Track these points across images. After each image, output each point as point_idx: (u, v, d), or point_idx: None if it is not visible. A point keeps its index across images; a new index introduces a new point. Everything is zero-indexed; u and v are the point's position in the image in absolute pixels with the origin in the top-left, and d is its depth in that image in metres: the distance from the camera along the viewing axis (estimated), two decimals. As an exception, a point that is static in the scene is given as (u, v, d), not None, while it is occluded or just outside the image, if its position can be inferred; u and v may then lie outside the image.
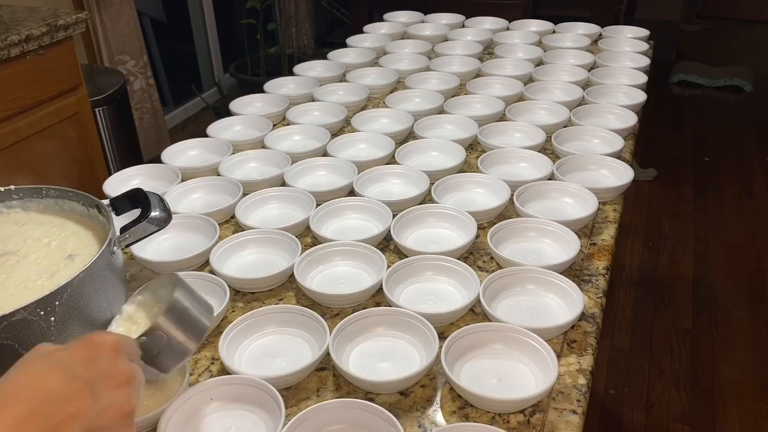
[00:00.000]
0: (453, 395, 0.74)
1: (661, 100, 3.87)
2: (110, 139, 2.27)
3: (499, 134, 1.30)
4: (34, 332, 0.70)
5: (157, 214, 0.84)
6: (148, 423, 0.69)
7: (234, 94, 3.02)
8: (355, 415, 0.68)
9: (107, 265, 0.78)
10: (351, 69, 1.64)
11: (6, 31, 1.68)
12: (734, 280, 2.39)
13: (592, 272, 0.94)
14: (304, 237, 1.02)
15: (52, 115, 1.85)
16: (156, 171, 1.19)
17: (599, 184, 1.12)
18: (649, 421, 1.85)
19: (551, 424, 0.70)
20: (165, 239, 1.01)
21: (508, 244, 0.98)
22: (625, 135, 1.30)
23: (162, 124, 3.09)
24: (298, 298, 0.90)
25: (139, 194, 0.86)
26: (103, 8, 2.65)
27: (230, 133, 1.37)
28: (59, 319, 0.71)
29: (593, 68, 1.59)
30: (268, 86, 1.55)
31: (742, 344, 2.10)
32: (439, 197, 1.08)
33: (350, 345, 0.79)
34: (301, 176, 1.17)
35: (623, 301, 2.32)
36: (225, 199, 1.10)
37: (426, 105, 1.43)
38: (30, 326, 0.69)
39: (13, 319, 0.67)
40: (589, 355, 0.79)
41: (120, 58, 2.78)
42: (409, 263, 0.91)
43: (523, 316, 0.85)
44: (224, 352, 0.77)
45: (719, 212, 2.81)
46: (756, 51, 4.61)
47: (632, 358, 2.06)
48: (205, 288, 0.88)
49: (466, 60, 1.67)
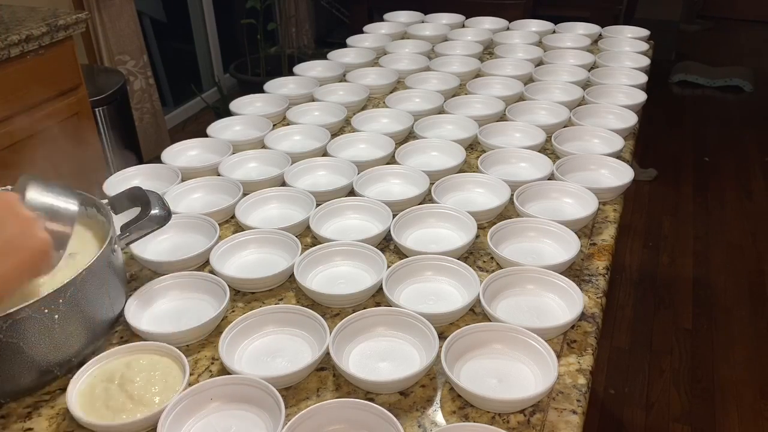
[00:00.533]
0: (453, 395, 0.74)
1: (661, 100, 3.87)
2: (110, 139, 2.27)
3: (499, 134, 1.30)
4: (38, 330, 0.70)
5: (157, 212, 0.84)
6: (148, 423, 0.69)
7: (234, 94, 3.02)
8: (355, 415, 0.68)
9: (108, 264, 0.79)
10: (351, 69, 1.64)
11: (6, 31, 1.68)
12: (734, 280, 2.39)
13: (592, 272, 0.94)
14: (304, 237, 1.02)
15: (52, 115, 1.85)
16: (156, 171, 1.19)
17: (599, 184, 1.12)
18: (649, 421, 1.85)
19: (551, 424, 0.70)
20: (165, 239, 1.01)
21: (508, 244, 0.98)
22: (625, 135, 1.30)
23: (162, 124, 3.09)
24: (298, 298, 0.90)
25: (138, 193, 0.86)
26: (103, 8, 2.65)
27: (230, 133, 1.37)
28: (62, 317, 0.72)
29: (593, 68, 1.59)
30: (268, 86, 1.55)
31: (742, 344, 2.10)
32: (439, 197, 1.07)
33: (350, 345, 0.79)
34: (301, 176, 1.17)
35: (623, 301, 2.32)
36: (225, 199, 1.10)
37: (426, 105, 1.43)
38: (34, 324, 0.70)
39: (18, 317, 0.67)
40: (589, 355, 0.79)
41: (120, 58, 2.78)
42: (409, 263, 0.91)
43: (523, 316, 0.85)
44: (224, 352, 0.77)
45: (719, 212, 2.81)
46: (756, 51, 4.61)
47: (632, 358, 2.06)
48: (205, 288, 0.89)
49: (466, 60, 1.67)
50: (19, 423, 0.72)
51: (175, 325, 0.84)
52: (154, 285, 0.88)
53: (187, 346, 0.81)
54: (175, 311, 0.87)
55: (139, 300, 0.86)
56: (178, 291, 0.89)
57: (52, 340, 0.72)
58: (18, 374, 0.72)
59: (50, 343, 0.72)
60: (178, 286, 0.89)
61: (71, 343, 0.75)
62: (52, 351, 0.73)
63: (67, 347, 0.74)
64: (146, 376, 0.73)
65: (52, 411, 0.73)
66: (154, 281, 0.89)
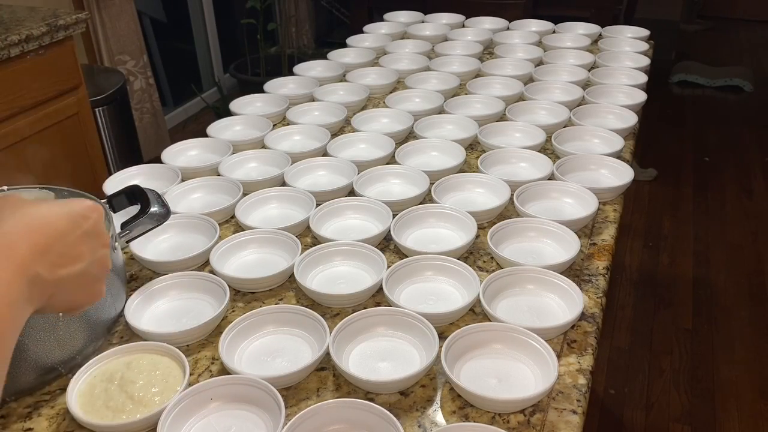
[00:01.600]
0: (453, 395, 0.74)
1: (661, 100, 3.87)
2: (110, 139, 2.27)
3: (499, 134, 1.30)
4: (42, 327, 0.71)
5: (156, 209, 0.84)
6: (148, 423, 0.69)
7: (234, 94, 3.02)
8: (355, 415, 0.68)
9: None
10: (351, 69, 1.64)
11: (6, 31, 1.68)
12: (734, 280, 2.39)
13: (592, 272, 0.94)
14: (304, 237, 1.02)
15: (52, 115, 1.85)
16: (156, 171, 1.19)
17: (599, 184, 1.12)
18: (649, 421, 1.85)
19: (551, 424, 0.70)
20: (165, 239, 1.01)
21: (508, 244, 0.98)
22: (625, 135, 1.30)
23: (162, 124, 3.09)
24: (298, 298, 0.90)
25: (137, 191, 0.86)
26: (103, 8, 2.65)
27: (230, 133, 1.37)
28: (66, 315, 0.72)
29: (593, 68, 1.59)
30: (268, 86, 1.55)
31: (742, 344, 2.10)
32: (439, 197, 1.07)
33: (350, 345, 0.79)
34: (301, 176, 1.17)
35: (623, 301, 2.32)
36: (225, 199, 1.10)
37: (426, 105, 1.43)
38: (39, 321, 0.70)
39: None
40: (589, 355, 0.79)
41: (120, 58, 2.78)
42: (409, 263, 0.91)
43: (523, 316, 0.85)
44: (224, 352, 0.77)
45: (719, 212, 2.81)
46: (756, 51, 4.61)
47: (632, 358, 2.06)
48: (205, 288, 0.89)
49: (466, 60, 1.67)
50: (19, 423, 0.72)
51: (176, 325, 0.84)
52: (154, 285, 0.88)
53: (187, 346, 0.81)
54: (175, 311, 0.87)
55: (139, 300, 0.86)
56: (178, 291, 0.89)
57: (56, 337, 0.73)
58: (23, 372, 0.72)
59: (54, 340, 0.73)
60: (178, 286, 0.89)
61: (75, 341, 0.76)
62: (56, 349, 0.74)
63: (70, 345, 0.75)
64: (146, 376, 0.73)
65: (52, 411, 0.73)
66: (154, 281, 0.89)
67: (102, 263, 0.57)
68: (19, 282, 0.46)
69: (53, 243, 0.50)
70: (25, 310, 0.48)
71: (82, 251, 0.53)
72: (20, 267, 0.47)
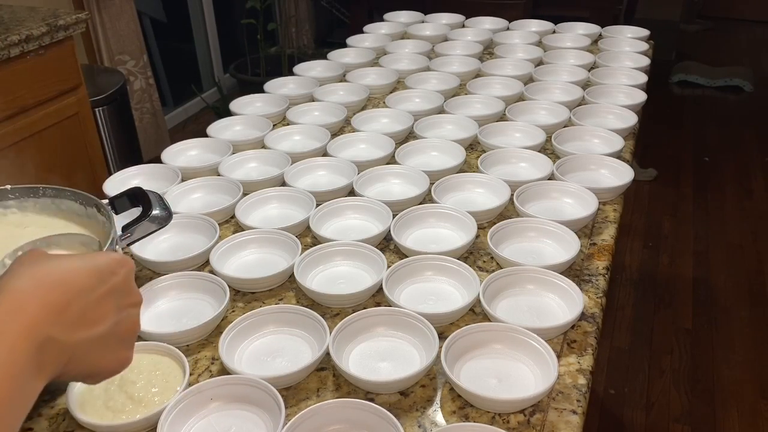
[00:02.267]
0: (453, 395, 0.74)
1: (661, 100, 3.87)
2: (110, 139, 2.27)
3: (499, 134, 1.30)
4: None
5: (158, 212, 0.84)
6: (148, 423, 0.69)
7: (234, 94, 3.02)
8: (355, 415, 0.68)
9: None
10: (351, 69, 1.64)
11: (6, 31, 1.68)
12: (734, 280, 2.39)
13: (592, 272, 0.94)
14: (304, 237, 1.02)
15: (52, 115, 1.85)
16: (156, 171, 1.19)
17: (599, 184, 1.12)
18: (649, 421, 1.85)
19: (551, 424, 0.70)
20: (165, 239, 1.01)
21: (508, 244, 0.98)
22: (625, 135, 1.30)
23: (162, 124, 3.09)
24: (298, 298, 0.90)
25: (139, 193, 0.86)
26: (103, 8, 2.65)
27: (230, 133, 1.37)
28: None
29: (593, 68, 1.59)
30: (268, 86, 1.55)
31: (742, 344, 2.10)
32: (439, 197, 1.07)
33: (350, 345, 0.79)
34: (301, 176, 1.17)
35: (623, 301, 2.32)
36: (225, 199, 1.10)
37: (426, 105, 1.43)
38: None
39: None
40: (589, 355, 0.79)
41: (120, 58, 2.78)
42: (409, 263, 0.91)
43: (523, 316, 0.85)
44: (224, 352, 0.77)
45: (719, 212, 2.81)
46: (756, 51, 4.61)
47: (632, 358, 2.06)
48: (205, 288, 0.89)
49: (466, 60, 1.67)
50: (19, 423, 0.72)
51: (176, 325, 0.84)
52: (154, 285, 0.88)
53: (187, 346, 0.82)
54: (175, 311, 0.87)
55: (139, 300, 0.86)
56: (178, 291, 0.89)
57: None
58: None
59: None
60: (178, 286, 0.89)
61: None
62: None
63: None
64: (146, 376, 0.73)
65: (52, 411, 0.73)
66: (154, 281, 0.89)
67: (131, 325, 0.51)
68: (27, 347, 0.41)
69: (71, 301, 0.44)
70: (34, 382, 0.42)
71: (106, 311, 0.47)
72: (28, 329, 0.41)
